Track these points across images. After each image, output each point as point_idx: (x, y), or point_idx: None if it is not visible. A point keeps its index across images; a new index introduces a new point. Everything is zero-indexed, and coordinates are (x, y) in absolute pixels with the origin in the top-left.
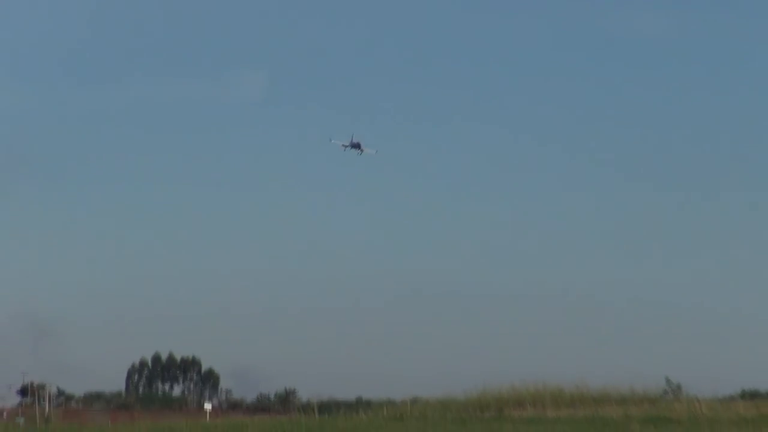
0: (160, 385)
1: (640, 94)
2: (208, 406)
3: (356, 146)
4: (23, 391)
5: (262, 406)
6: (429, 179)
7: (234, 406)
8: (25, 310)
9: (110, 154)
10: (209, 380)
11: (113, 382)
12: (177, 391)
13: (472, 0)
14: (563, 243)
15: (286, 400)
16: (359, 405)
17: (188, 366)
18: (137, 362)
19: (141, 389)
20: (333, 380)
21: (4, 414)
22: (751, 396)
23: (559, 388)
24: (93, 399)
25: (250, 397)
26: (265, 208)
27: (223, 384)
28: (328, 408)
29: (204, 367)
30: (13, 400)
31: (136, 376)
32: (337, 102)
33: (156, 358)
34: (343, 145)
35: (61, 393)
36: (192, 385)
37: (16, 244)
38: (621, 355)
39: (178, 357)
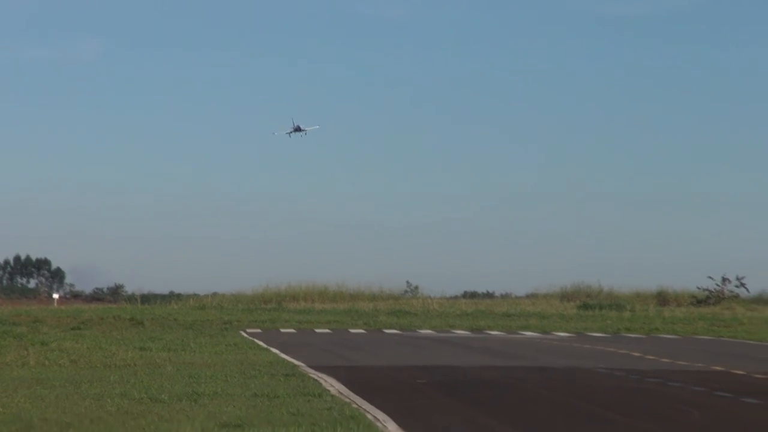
0: (19, 279)
1: None
2: (55, 296)
3: (298, 129)
4: None
5: (97, 297)
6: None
7: (75, 296)
8: None
9: None
10: (57, 276)
11: None
12: (32, 284)
13: None
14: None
15: (115, 293)
16: (172, 297)
17: (41, 265)
18: (2, 261)
19: (4, 282)
20: (153, 277)
21: None
22: (471, 296)
23: (325, 286)
24: None
25: (88, 289)
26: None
27: (68, 279)
28: (148, 299)
29: (53, 266)
30: None
31: (1, 272)
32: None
33: (17, 258)
34: (287, 133)
35: None
36: (44, 280)
37: None
38: (371, 262)
39: (33, 257)
